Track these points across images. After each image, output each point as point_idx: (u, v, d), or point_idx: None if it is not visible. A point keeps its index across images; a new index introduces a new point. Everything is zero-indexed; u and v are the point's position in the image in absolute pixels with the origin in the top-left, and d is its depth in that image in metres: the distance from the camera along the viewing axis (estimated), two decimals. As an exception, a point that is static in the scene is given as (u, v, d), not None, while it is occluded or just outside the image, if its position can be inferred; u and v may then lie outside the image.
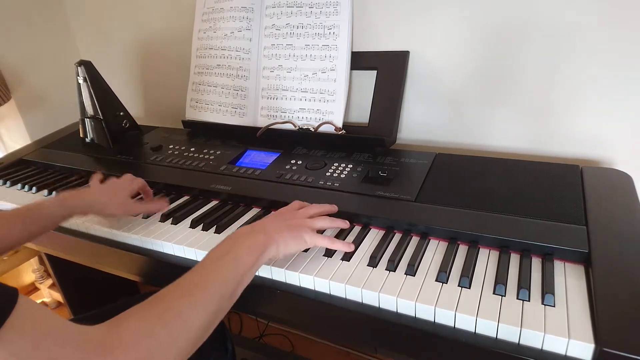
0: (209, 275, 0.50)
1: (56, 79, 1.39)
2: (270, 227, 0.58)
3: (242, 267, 0.52)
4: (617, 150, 0.80)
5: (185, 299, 0.46)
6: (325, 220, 0.64)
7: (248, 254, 0.53)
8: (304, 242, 0.59)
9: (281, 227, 0.59)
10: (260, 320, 1.46)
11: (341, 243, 0.61)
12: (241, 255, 0.53)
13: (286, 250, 0.58)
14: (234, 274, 0.51)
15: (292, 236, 0.58)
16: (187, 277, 0.49)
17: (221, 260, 0.52)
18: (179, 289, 0.47)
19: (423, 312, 0.52)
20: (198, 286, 0.48)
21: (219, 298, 0.48)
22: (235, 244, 0.54)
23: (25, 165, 1.07)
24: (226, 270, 0.51)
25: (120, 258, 0.75)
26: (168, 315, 0.44)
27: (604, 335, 0.44)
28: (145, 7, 1.23)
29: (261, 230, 0.57)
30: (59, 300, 1.73)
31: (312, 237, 0.60)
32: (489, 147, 0.91)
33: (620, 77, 0.75)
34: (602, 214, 0.62)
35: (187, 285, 0.48)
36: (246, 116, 1.04)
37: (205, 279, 0.49)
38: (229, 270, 0.51)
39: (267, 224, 0.59)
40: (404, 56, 0.90)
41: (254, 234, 0.56)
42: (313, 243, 0.60)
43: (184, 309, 0.45)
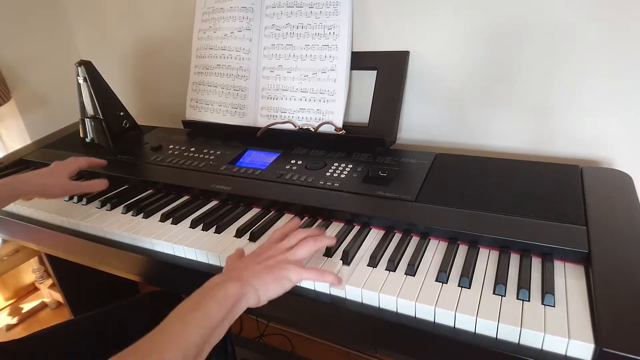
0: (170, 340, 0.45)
1: (56, 79, 1.39)
2: (246, 273, 0.53)
3: (210, 325, 0.47)
4: (617, 150, 0.80)
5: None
6: (307, 245, 0.58)
7: (218, 309, 0.48)
8: (289, 281, 0.54)
9: (258, 271, 0.53)
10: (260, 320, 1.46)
11: (331, 276, 0.55)
12: (209, 311, 0.48)
13: (268, 295, 0.53)
14: (199, 334, 0.46)
15: (273, 278, 0.53)
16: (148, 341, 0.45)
17: (186, 318, 0.47)
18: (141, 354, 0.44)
19: (423, 312, 0.52)
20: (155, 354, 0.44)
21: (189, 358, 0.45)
22: (204, 299, 0.50)
23: (25, 165, 1.07)
24: (191, 332, 0.46)
25: (120, 258, 0.75)
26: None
27: (604, 335, 0.44)
28: (145, 7, 1.23)
29: (235, 278, 0.52)
30: (59, 300, 1.73)
31: (297, 272, 0.54)
32: (489, 147, 0.91)
33: (620, 77, 0.75)
34: (602, 214, 0.62)
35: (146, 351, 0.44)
36: (246, 116, 1.04)
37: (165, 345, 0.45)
38: (194, 331, 0.46)
39: (242, 269, 0.54)
40: (404, 56, 0.90)
41: (226, 285, 0.51)
42: (299, 279, 0.55)
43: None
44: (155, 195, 0.86)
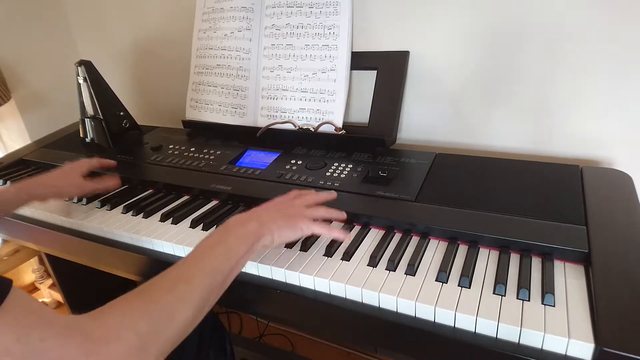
0: (197, 268, 0.49)
1: (56, 79, 1.39)
2: (265, 216, 0.58)
3: (233, 257, 0.52)
4: (617, 150, 0.80)
5: (172, 294, 0.46)
6: (321, 210, 0.64)
7: (240, 243, 0.53)
8: (300, 230, 0.59)
9: (276, 217, 0.58)
10: (260, 320, 1.46)
11: (337, 231, 0.61)
12: (232, 244, 0.53)
13: (281, 238, 0.58)
14: (224, 265, 0.51)
15: (288, 225, 0.58)
16: (176, 269, 0.49)
17: (211, 250, 0.52)
18: (165, 282, 0.47)
19: (423, 312, 0.52)
20: (185, 280, 0.47)
21: (207, 290, 0.48)
22: (226, 233, 0.54)
23: (25, 165, 1.07)
24: (216, 261, 0.50)
25: (120, 258, 0.75)
26: (152, 310, 0.44)
27: (603, 335, 0.44)
28: (145, 7, 1.23)
29: (255, 219, 0.57)
30: (59, 300, 1.73)
31: (309, 225, 0.60)
32: (489, 147, 0.91)
33: (620, 77, 0.75)
34: (602, 214, 0.62)
35: (174, 278, 0.48)
36: (246, 116, 1.04)
37: (193, 271, 0.49)
38: (219, 261, 0.51)
39: (261, 212, 0.59)
40: (404, 56, 0.90)
41: (247, 223, 0.56)
42: (310, 231, 0.60)
43: (169, 304, 0.45)
44: (155, 195, 0.86)
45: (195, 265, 0.50)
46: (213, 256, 0.51)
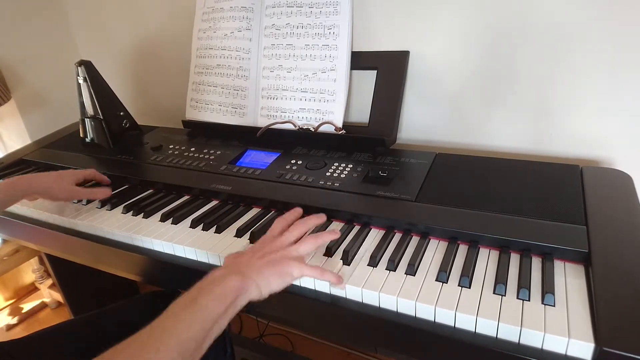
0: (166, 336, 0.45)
1: (56, 79, 1.39)
2: (248, 268, 0.53)
3: (209, 320, 0.47)
4: (617, 150, 0.81)
5: None
6: (310, 241, 0.58)
7: (217, 303, 0.48)
8: (290, 276, 0.54)
9: (260, 266, 0.54)
10: (260, 320, 1.46)
11: (332, 275, 0.55)
12: (207, 306, 0.48)
13: (270, 289, 0.53)
14: (196, 330, 0.46)
15: (275, 273, 0.53)
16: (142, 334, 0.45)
17: (183, 314, 0.47)
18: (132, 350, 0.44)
19: (423, 312, 0.52)
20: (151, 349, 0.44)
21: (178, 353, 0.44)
22: (201, 293, 0.49)
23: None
24: (186, 328, 0.46)
25: (120, 258, 0.75)
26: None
27: (604, 334, 0.44)
28: (145, 7, 1.23)
29: (236, 272, 0.52)
30: (59, 300, 1.73)
31: (300, 268, 0.55)
32: (489, 147, 0.91)
33: (620, 77, 0.75)
34: (602, 214, 0.62)
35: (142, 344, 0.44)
36: (246, 116, 1.04)
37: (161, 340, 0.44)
38: (189, 327, 0.46)
39: (243, 263, 0.54)
40: (404, 56, 0.90)
41: (227, 279, 0.51)
42: (300, 274, 0.55)
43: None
44: (155, 195, 0.86)
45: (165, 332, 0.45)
46: (185, 321, 0.46)
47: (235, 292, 0.50)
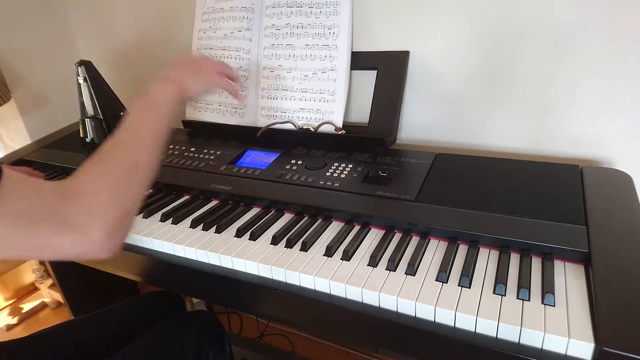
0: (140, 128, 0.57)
1: (56, 79, 1.39)
2: (181, 72, 0.69)
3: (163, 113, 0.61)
4: (617, 150, 0.81)
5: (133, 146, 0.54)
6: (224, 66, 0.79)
7: (164, 94, 0.63)
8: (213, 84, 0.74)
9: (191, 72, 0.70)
10: (260, 320, 1.46)
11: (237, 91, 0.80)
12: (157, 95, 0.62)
13: (197, 90, 0.71)
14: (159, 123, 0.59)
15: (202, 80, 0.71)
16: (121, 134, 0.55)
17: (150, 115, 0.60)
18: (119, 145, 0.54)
19: (423, 312, 0.52)
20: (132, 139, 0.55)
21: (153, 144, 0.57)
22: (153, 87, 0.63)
23: (25, 165, 1.07)
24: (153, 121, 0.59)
25: (121, 258, 0.75)
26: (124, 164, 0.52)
27: (604, 334, 0.44)
28: (145, 6, 1.23)
29: (171, 81, 0.66)
30: (59, 300, 1.74)
31: (220, 79, 0.75)
32: (489, 147, 0.91)
33: (620, 76, 0.75)
34: (602, 214, 0.62)
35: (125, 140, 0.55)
36: (246, 116, 1.04)
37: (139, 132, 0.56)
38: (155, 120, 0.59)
39: (178, 69, 0.70)
40: (404, 56, 0.90)
41: (167, 86, 0.64)
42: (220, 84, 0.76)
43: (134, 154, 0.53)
44: (155, 195, 0.86)
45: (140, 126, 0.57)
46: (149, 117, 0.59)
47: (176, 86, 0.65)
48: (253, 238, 0.68)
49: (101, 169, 0.50)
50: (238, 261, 0.64)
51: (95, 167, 0.50)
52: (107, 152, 0.52)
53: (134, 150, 0.54)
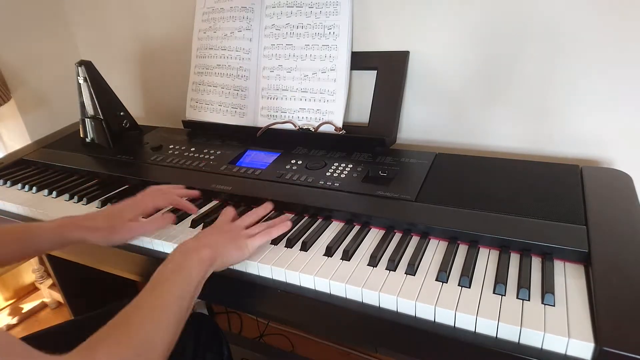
0: (166, 296, 0.52)
1: (56, 79, 1.39)
2: (214, 243, 0.61)
3: (193, 284, 0.55)
4: (617, 150, 0.81)
5: (150, 324, 0.49)
6: (261, 226, 0.67)
7: (198, 270, 0.56)
8: (247, 250, 0.62)
9: (224, 242, 0.61)
10: (260, 320, 1.46)
11: (276, 229, 0.65)
12: (192, 271, 0.55)
13: (230, 260, 0.61)
14: (187, 291, 0.54)
15: (235, 247, 0.62)
16: (146, 297, 0.52)
17: (176, 276, 0.54)
18: (141, 312, 0.50)
19: (423, 312, 0.52)
20: (158, 308, 0.51)
21: (178, 315, 0.51)
22: (185, 261, 0.57)
23: (25, 165, 1.07)
24: (181, 289, 0.53)
25: (121, 258, 0.75)
26: (136, 341, 0.46)
27: (603, 334, 0.44)
28: (145, 7, 1.23)
29: (207, 245, 0.59)
30: (59, 300, 1.73)
31: (252, 241, 0.63)
32: (489, 147, 0.91)
33: (620, 76, 0.75)
34: (602, 214, 0.62)
35: (149, 307, 0.51)
36: (246, 116, 1.04)
37: (164, 300, 0.52)
38: (183, 288, 0.54)
39: (210, 238, 0.62)
40: (404, 56, 0.90)
41: (201, 249, 0.58)
42: (254, 247, 0.63)
43: (149, 333, 0.48)
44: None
45: (165, 293, 0.52)
46: (178, 282, 0.54)
47: (209, 261, 0.58)
48: (253, 238, 0.68)
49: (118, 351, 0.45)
50: (238, 261, 0.64)
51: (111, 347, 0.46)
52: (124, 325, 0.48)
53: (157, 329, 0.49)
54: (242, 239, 0.63)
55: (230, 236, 0.63)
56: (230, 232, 0.64)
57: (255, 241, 0.63)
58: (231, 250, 0.61)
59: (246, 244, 0.62)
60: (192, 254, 0.57)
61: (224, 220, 0.68)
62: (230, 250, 0.61)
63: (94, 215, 0.70)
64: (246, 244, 0.62)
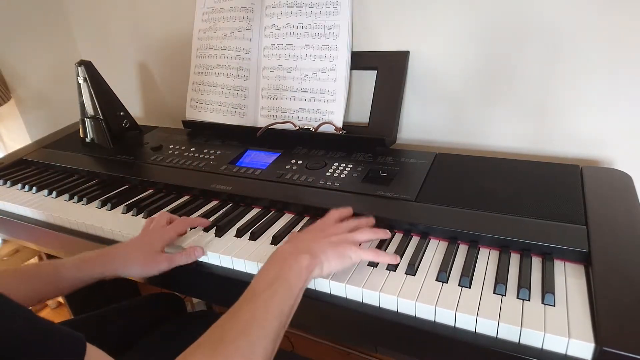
0: (265, 309, 0.48)
1: (56, 79, 1.39)
2: (315, 247, 0.56)
3: (293, 296, 0.51)
4: (617, 150, 0.81)
5: (245, 339, 0.45)
6: (368, 232, 0.61)
7: (298, 279, 0.51)
8: (349, 259, 0.57)
9: (325, 247, 0.56)
10: (260, 320, 1.46)
11: (388, 256, 0.58)
12: (292, 281, 0.51)
13: (330, 269, 0.56)
14: (287, 304, 0.49)
15: (336, 254, 0.56)
16: (242, 309, 0.48)
17: (273, 288, 0.50)
18: (237, 326, 0.46)
19: (423, 312, 0.52)
20: (256, 323, 0.46)
21: (277, 330, 0.47)
22: (283, 269, 0.52)
23: (25, 165, 1.07)
24: (280, 302, 0.49)
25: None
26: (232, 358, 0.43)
27: (604, 334, 0.44)
28: (145, 7, 1.23)
29: (306, 251, 0.55)
30: (59, 300, 1.73)
31: (357, 252, 0.57)
32: (489, 147, 0.91)
33: (620, 76, 0.75)
34: (602, 214, 0.62)
35: (245, 321, 0.46)
36: (246, 116, 1.04)
37: (262, 314, 0.47)
38: (282, 301, 0.49)
39: (310, 242, 0.57)
40: (404, 56, 0.90)
41: (300, 256, 0.53)
42: (358, 258, 0.57)
43: (245, 350, 0.44)
44: (155, 195, 0.86)
45: (264, 306, 0.48)
46: (277, 295, 0.49)
47: (308, 270, 0.53)
48: (253, 238, 0.68)
49: None
50: (238, 261, 0.64)
51: None
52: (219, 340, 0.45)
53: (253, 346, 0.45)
54: (347, 245, 0.57)
55: (332, 242, 0.57)
56: (333, 236, 0.58)
57: (363, 255, 0.57)
58: (332, 259, 0.55)
59: (350, 255, 0.56)
60: (291, 262, 0.52)
61: (328, 221, 0.62)
62: (331, 258, 0.55)
63: (123, 247, 0.66)
64: (350, 255, 0.56)
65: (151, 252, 0.64)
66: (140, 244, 0.66)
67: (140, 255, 0.64)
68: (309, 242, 0.57)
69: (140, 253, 0.65)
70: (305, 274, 0.52)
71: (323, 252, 0.55)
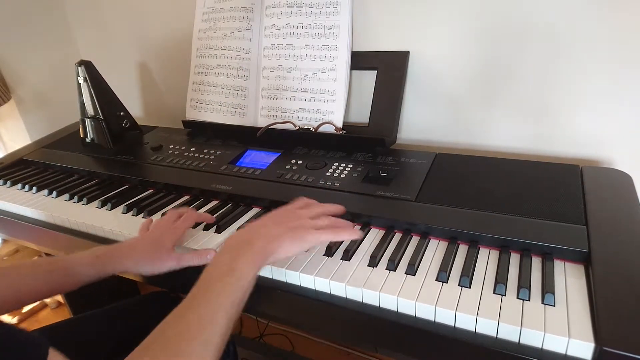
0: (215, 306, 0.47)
1: (56, 79, 1.39)
2: (270, 233, 0.55)
3: (245, 284, 0.50)
4: (617, 150, 0.81)
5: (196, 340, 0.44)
6: (326, 219, 0.60)
7: (250, 267, 0.51)
8: (307, 242, 0.56)
9: (281, 232, 0.56)
10: (260, 320, 1.46)
11: (347, 232, 0.57)
12: (243, 270, 0.51)
13: (287, 254, 0.56)
14: (239, 294, 0.49)
15: (291, 238, 0.55)
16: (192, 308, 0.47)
17: (224, 281, 0.49)
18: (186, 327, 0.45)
19: (423, 312, 0.52)
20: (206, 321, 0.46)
21: (227, 323, 0.47)
22: (236, 259, 0.52)
23: (25, 165, 1.07)
24: (232, 294, 0.48)
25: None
26: None
27: (604, 334, 0.44)
28: (145, 7, 1.23)
29: (261, 236, 0.54)
30: (59, 300, 1.73)
31: (313, 234, 0.56)
32: (489, 147, 0.91)
33: (620, 77, 0.76)
34: (602, 214, 0.62)
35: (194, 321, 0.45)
36: (246, 116, 1.04)
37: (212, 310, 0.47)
38: (234, 293, 0.49)
39: (266, 228, 0.56)
40: (404, 56, 0.90)
41: (254, 242, 0.53)
42: (316, 241, 0.57)
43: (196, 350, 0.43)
44: (155, 195, 0.86)
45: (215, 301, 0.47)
46: (228, 288, 0.49)
47: (262, 256, 0.53)
48: (253, 238, 0.68)
49: None
50: (238, 261, 0.64)
51: None
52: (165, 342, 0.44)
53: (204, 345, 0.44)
54: (304, 229, 0.56)
55: (290, 226, 0.56)
56: (291, 221, 0.57)
57: (321, 236, 0.56)
58: (288, 243, 0.55)
59: (308, 239, 0.56)
60: (244, 251, 0.52)
61: (290, 208, 0.61)
62: (286, 242, 0.55)
63: (134, 244, 0.66)
64: (308, 239, 0.56)
65: (162, 249, 0.64)
66: (150, 241, 0.66)
67: (150, 252, 0.64)
68: (265, 228, 0.57)
69: (151, 250, 0.64)
70: (259, 262, 0.52)
71: (278, 236, 0.55)
